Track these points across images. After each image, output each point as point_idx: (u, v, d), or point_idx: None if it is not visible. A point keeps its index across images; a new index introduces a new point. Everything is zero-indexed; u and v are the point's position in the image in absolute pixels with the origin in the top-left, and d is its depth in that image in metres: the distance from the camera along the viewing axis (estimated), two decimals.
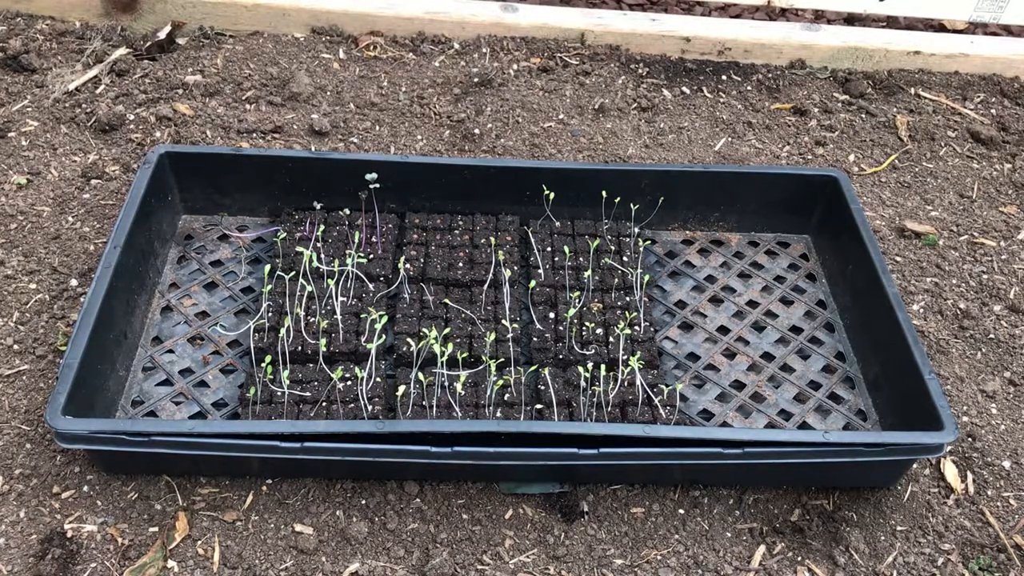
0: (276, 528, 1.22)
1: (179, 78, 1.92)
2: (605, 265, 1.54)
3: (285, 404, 1.29)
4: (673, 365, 1.45)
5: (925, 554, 1.26)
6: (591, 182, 1.58)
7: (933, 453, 1.23)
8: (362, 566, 1.19)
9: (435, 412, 1.29)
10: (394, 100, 1.93)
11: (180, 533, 1.20)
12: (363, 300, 1.45)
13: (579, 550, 1.23)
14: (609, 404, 1.33)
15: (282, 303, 1.42)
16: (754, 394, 1.42)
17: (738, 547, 1.25)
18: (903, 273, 1.67)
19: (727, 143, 1.92)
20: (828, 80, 2.11)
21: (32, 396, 1.34)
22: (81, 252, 1.56)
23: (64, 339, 1.41)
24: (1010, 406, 1.46)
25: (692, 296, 1.57)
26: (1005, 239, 1.76)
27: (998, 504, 1.33)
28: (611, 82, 2.03)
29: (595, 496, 1.29)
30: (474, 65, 2.02)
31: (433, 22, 2.09)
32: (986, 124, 2.03)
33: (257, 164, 1.55)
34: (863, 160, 1.92)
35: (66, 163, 1.72)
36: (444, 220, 1.59)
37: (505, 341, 1.39)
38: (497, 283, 1.48)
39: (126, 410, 1.32)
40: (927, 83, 2.13)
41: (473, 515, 1.26)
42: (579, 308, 1.46)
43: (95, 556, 1.18)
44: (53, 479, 1.25)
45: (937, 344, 1.54)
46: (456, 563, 1.20)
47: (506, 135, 1.87)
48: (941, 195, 1.85)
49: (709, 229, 1.68)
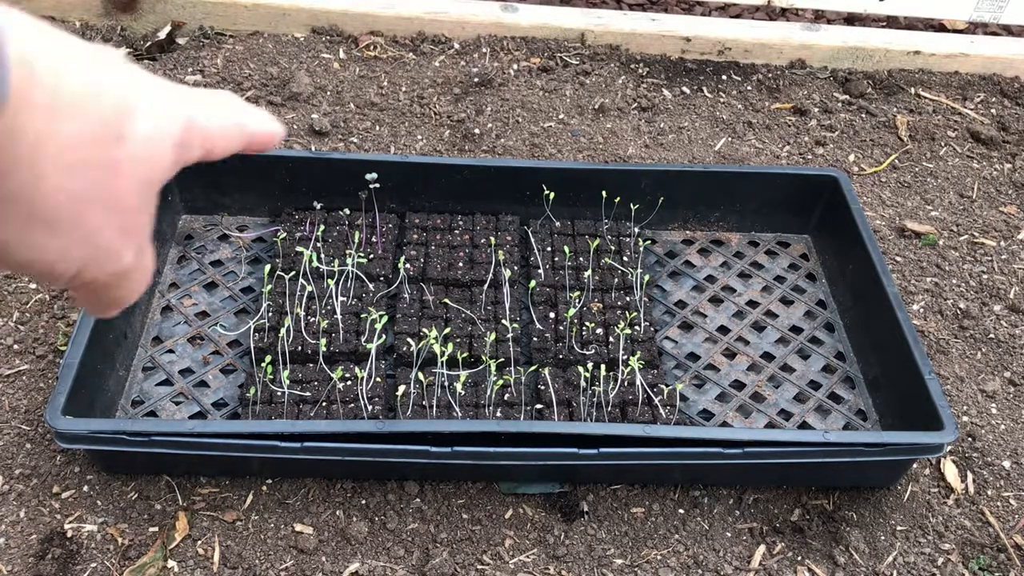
0: (276, 528, 1.22)
1: (179, 78, 1.92)
2: (605, 265, 1.54)
3: (285, 404, 1.29)
4: (673, 365, 1.45)
5: (925, 554, 1.26)
6: (591, 182, 1.58)
7: (933, 453, 1.23)
8: (362, 566, 1.19)
9: (435, 412, 1.29)
10: (394, 100, 1.93)
11: (180, 533, 1.20)
12: (363, 300, 1.45)
13: (579, 550, 1.23)
14: (609, 404, 1.33)
15: (282, 303, 1.42)
16: (754, 394, 1.42)
17: (738, 547, 1.25)
18: (903, 273, 1.67)
19: (727, 143, 1.92)
20: (828, 80, 2.11)
21: (32, 396, 1.34)
22: None
23: (64, 339, 1.41)
24: (1010, 406, 1.46)
25: (692, 296, 1.57)
26: (1005, 239, 1.76)
27: (998, 504, 1.33)
28: (611, 82, 2.03)
29: (595, 496, 1.29)
30: (474, 65, 2.02)
31: (433, 22, 2.09)
32: (986, 124, 2.03)
33: (257, 164, 1.55)
34: (863, 160, 1.92)
35: None
36: (444, 220, 1.59)
37: (505, 341, 1.39)
38: (497, 283, 1.48)
39: (126, 410, 1.32)
40: (927, 83, 2.13)
41: (473, 515, 1.26)
42: (579, 308, 1.46)
43: (95, 556, 1.18)
44: (53, 479, 1.25)
45: (937, 344, 1.54)
46: (456, 563, 1.20)
47: (506, 135, 1.87)
48: (941, 195, 1.85)
49: (709, 229, 1.68)
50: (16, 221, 0.34)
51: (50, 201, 0.35)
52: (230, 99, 0.43)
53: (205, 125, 0.41)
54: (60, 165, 0.34)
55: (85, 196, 0.36)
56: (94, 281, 0.39)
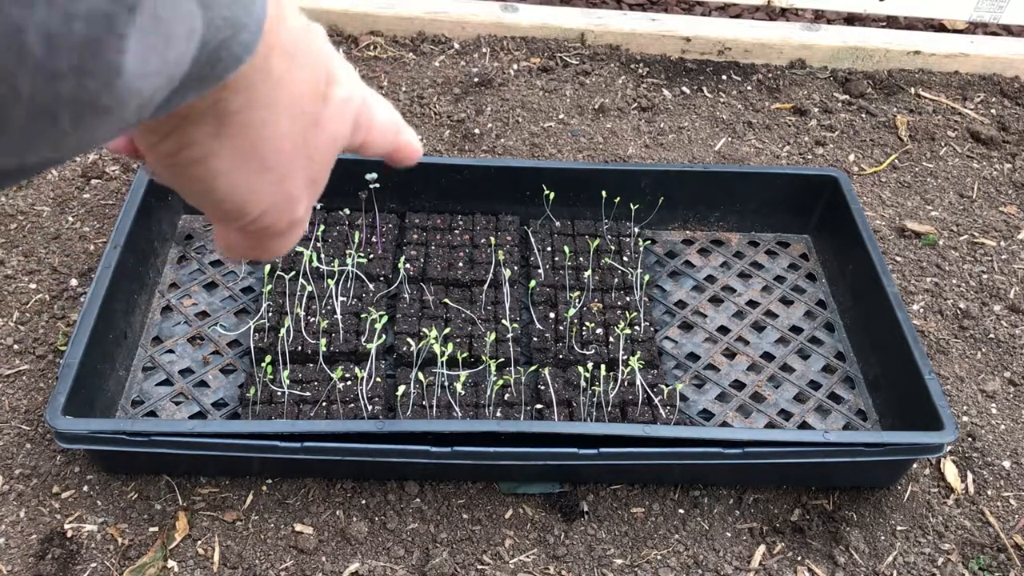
0: (276, 528, 1.22)
1: None
2: (605, 265, 1.54)
3: (285, 404, 1.29)
4: (673, 365, 1.45)
5: (925, 554, 1.26)
6: (591, 182, 1.58)
7: (933, 453, 1.23)
8: (362, 566, 1.19)
9: (435, 412, 1.29)
10: (394, 100, 1.93)
11: (180, 533, 1.20)
12: (363, 300, 1.45)
13: (579, 550, 1.23)
14: (609, 404, 1.33)
15: (282, 303, 1.42)
16: (754, 394, 1.42)
17: (738, 547, 1.25)
18: (903, 273, 1.67)
19: (727, 143, 1.92)
20: (828, 80, 2.11)
21: (32, 396, 1.34)
22: (81, 252, 1.56)
23: (64, 339, 1.41)
24: (1010, 406, 1.46)
25: (692, 296, 1.57)
26: (1005, 239, 1.76)
27: (998, 504, 1.33)
28: (611, 82, 2.03)
29: (595, 496, 1.29)
30: (474, 65, 2.02)
31: (433, 22, 2.09)
32: (986, 124, 2.03)
33: None
34: (863, 160, 1.92)
35: (66, 163, 1.72)
36: (444, 220, 1.59)
37: (505, 341, 1.39)
38: (497, 283, 1.48)
39: (126, 410, 1.32)
40: (927, 83, 2.13)
41: (473, 515, 1.26)
42: (579, 308, 1.46)
43: (95, 556, 1.18)
44: (53, 479, 1.25)
45: (937, 344, 1.54)
46: (456, 563, 1.20)
47: (506, 135, 1.87)
48: (941, 195, 1.85)
49: (709, 229, 1.68)
50: (236, 155, 0.36)
51: (274, 144, 0.36)
52: (390, 105, 0.46)
53: (374, 114, 0.43)
54: (290, 110, 0.36)
55: (297, 144, 0.37)
56: (268, 227, 0.40)
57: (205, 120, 0.34)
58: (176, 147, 0.35)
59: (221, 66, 0.31)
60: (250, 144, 0.36)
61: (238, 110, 0.34)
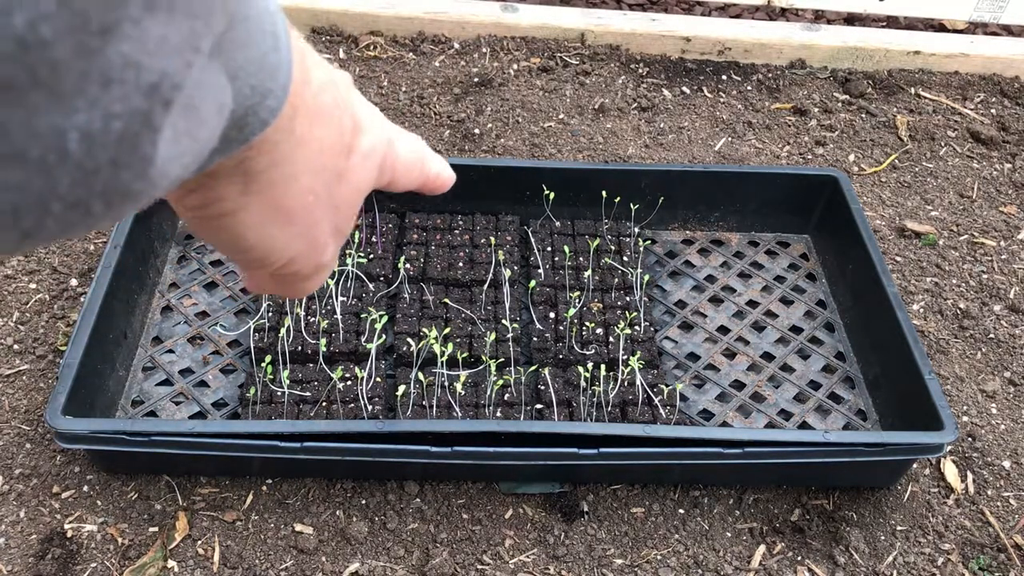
0: (276, 528, 1.22)
1: None
2: (605, 265, 1.54)
3: (285, 404, 1.29)
4: (673, 365, 1.45)
5: (925, 554, 1.26)
6: (591, 182, 1.58)
7: (933, 453, 1.23)
8: (362, 566, 1.19)
9: (435, 412, 1.29)
10: (394, 100, 1.93)
11: (180, 533, 1.20)
12: (363, 300, 1.45)
13: (579, 550, 1.23)
14: (609, 404, 1.33)
15: (282, 303, 1.42)
16: (754, 394, 1.42)
17: (738, 547, 1.25)
18: (903, 273, 1.67)
19: (727, 143, 1.92)
20: (828, 80, 2.12)
21: (32, 396, 1.34)
22: (81, 252, 1.56)
23: (64, 339, 1.41)
24: (1010, 406, 1.46)
25: (692, 296, 1.57)
26: (1005, 239, 1.76)
27: (998, 504, 1.33)
28: (611, 82, 2.03)
29: (595, 496, 1.29)
30: (474, 65, 2.02)
31: (433, 22, 2.09)
32: (986, 124, 2.03)
33: None
34: (863, 160, 1.92)
35: None
36: (444, 220, 1.59)
37: (505, 341, 1.39)
38: (497, 283, 1.48)
39: (126, 410, 1.32)
40: (927, 83, 2.13)
41: (473, 515, 1.26)
42: (579, 308, 1.46)
43: (95, 556, 1.18)
44: (53, 479, 1.25)
45: (937, 344, 1.54)
46: (456, 563, 1.20)
47: (506, 135, 1.87)
48: (941, 195, 1.85)
49: (709, 229, 1.68)
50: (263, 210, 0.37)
51: (298, 199, 0.38)
52: (417, 139, 0.47)
53: (398, 155, 0.44)
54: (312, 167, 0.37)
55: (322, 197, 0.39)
56: (296, 273, 0.42)
57: (232, 178, 0.35)
58: (202, 201, 0.36)
59: (248, 130, 0.32)
60: (276, 199, 0.37)
61: (264, 169, 0.35)
